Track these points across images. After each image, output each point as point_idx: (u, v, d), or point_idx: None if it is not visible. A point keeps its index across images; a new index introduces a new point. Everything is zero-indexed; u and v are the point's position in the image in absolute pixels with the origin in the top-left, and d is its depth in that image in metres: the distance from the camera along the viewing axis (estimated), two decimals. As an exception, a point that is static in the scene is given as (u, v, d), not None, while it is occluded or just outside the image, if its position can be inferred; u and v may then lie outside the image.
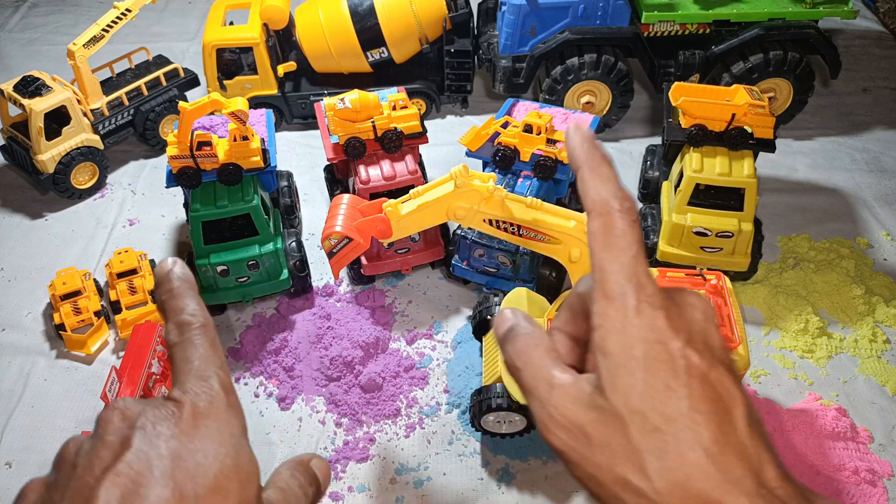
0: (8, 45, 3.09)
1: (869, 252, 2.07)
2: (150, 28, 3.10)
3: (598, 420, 0.56)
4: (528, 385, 0.62)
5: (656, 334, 0.56)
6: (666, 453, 0.53)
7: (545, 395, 0.60)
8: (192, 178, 1.80)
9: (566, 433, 0.58)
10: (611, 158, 0.62)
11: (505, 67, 2.40)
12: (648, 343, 0.55)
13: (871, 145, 2.47)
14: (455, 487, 1.58)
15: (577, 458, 0.58)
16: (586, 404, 0.58)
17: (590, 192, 0.61)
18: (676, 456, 0.53)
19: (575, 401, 0.58)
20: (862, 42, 2.96)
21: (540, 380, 0.61)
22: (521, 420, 1.58)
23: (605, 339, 0.57)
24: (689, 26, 2.34)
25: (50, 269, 2.04)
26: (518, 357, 0.64)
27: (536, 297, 1.70)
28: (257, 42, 2.35)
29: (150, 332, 1.67)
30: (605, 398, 0.56)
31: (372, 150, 1.92)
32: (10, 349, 1.88)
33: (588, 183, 0.62)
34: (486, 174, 1.40)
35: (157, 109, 2.40)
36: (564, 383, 0.60)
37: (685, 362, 0.55)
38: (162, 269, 0.69)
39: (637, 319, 0.56)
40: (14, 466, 1.63)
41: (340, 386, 1.74)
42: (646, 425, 0.54)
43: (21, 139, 2.21)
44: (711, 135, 1.83)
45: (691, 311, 0.59)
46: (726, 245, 1.83)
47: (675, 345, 0.55)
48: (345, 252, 1.47)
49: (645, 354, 0.55)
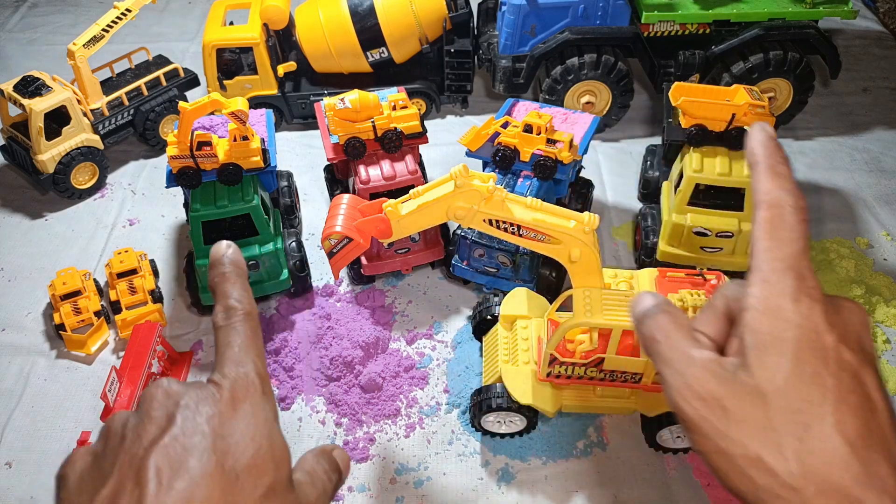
0: (8, 45, 3.09)
1: (869, 252, 2.07)
2: (150, 28, 3.10)
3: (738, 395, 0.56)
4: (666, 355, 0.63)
5: (812, 323, 0.56)
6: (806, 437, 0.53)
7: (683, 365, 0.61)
8: (192, 178, 1.80)
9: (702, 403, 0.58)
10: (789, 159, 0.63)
11: (505, 67, 2.40)
12: (803, 329, 0.56)
13: (871, 145, 2.47)
14: (455, 487, 1.58)
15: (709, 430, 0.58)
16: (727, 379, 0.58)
17: (763, 185, 0.62)
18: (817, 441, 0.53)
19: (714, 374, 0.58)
20: (862, 42, 2.96)
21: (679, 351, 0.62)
22: (521, 420, 1.58)
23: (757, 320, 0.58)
24: (689, 26, 2.34)
25: (50, 269, 2.04)
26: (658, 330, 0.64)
27: (536, 297, 1.71)
28: (257, 42, 2.35)
29: (150, 332, 1.67)
30: (749, 374, 0.56)
31: (372, 150, 1.92)
32: (10, 349, 1.88)
33: (762, 177, 0.62)
34: (486, 174, 1.39)
35: (157, 109, 2.40)
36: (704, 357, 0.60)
37: (837, 355, 0.55)
38: (217, 252, 0.74)
39: (794, 306, 0.56)
40: (14, 466, 1.63)
41: (340, 386, 1.74)
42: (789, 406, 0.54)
43: (21, 139, 2.21)
44: (711, 135, 1.83)
45: (849, 314, 0.59)
46: (726, 245, 1.83)
47: (829, 338, 0.56)
48: (345, 252, 1.47)
49: (797, 339, 0.55)
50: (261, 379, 0.66)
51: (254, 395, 0.64)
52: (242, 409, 0.62)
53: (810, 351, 0.55)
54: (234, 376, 0.64)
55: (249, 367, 0.66)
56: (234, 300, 0.70)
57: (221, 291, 0.72)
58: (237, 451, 0.59)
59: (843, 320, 0.58)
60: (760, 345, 0.57)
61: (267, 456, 0.61)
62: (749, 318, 0.58)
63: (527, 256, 1.78)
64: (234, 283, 0.72)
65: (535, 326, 1.62)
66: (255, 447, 0.60)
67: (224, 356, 0.67)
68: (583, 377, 1.51)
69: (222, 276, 0.72)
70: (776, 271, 0.58)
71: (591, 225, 1.35)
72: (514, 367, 1.57)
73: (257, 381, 0.65)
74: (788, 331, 0.56)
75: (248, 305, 0.71)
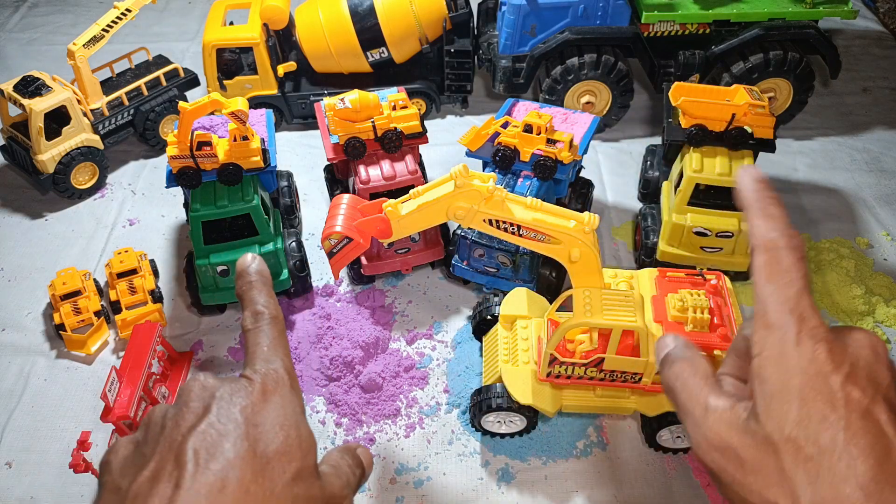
0: (8, 45, 3.09)
1: (869, 252, 2.07)
2: (150, 28, 3.10)
3: (752, 445, 0.58)
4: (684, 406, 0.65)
5: (816, 366, 0.56)
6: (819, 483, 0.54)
7: (700, 417, 0.62)
8: (192, 178, 1.80)
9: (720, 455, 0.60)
10: (780, 199, 0.64)
11: (505, 67, 2.40)
12: (807, 374, 0.56)
13: (871, 145, 2.47)
14: (455, 487, 1.58)
15: (728, 480, 0.60)
16: (741, 429, 0.59)
17: (757, 229, 0.64)
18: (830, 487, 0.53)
19: (730, 425, 0.60)
20: (862, 42, 2.96)
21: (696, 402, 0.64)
22: (521, 420, 1.58)
23: (762, 367, 0.59)
24: (689, 26, 2.34)
25: (50, 269, 2.04)
26: (676, 379, 0.67)
27: (536, 297, 1.71)
28: (257, 42, 2.35)
29: (150, 332, 1.66)
30: (759, 424, 0.58)
31: (372, 150, 1.92)
32: (10, 349, 1.88)
33: (756, 221, 0.64)
34: (486, 174, 1.39)
35: (157, 109, 2.40)
36: (720, 407, 0.62)
37: (844, 396, 0.55)
38: (243, 263, 0.80)
39: (797, 350, 0.57)
40: (14, 466, 1.63)
41: (340, 386, 1.74)
42: (799, 454, 0.55)
43: (21, 139, 2.21)
44: (711, 135, 1.83)
45: (857, 348, 0.59)
46: (726, 245, 1.83)
47: (835, 378, 0.56)
48: (345, 252, 1.47)
49: (802, 385, 0.56)
50: (289, 375, 0.71)
51: (283, 388, 0.69)
52: (272, 401, 0.67)
53: (816, 395, 0.55)
54: (264, 371, 0.70)
55: (278, 364, 0.71)
56: (261, 306, 0.76)
57: (249, 298, 0.77)
58: (268, 438, 0.64)
59: (852, 355, 0.58)
60: (767, 393, 0.58)
61: (295, 444, 0.65)
62: (755, 366, 0.59)
63: (527, 256, 1.78)
64: (261, 290, 0.77)
65: (535, 326, 1.62)
66: (284, 435, 0.65)
67: (254, 355, 0.72)
68: (583, 377, 1.51)
69: (249, 284, 0.78)
70: (777, 315, 0.59)
71: (591, 225, 1.35)
72: (514, 367, 1.57)
73: (286, 377, 0.70)
74: (793, 377, 0.56)
75: (275, 310, 0.77)
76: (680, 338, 0.70)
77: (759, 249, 0.62)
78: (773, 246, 0.61)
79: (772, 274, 0.60)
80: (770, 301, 0.59)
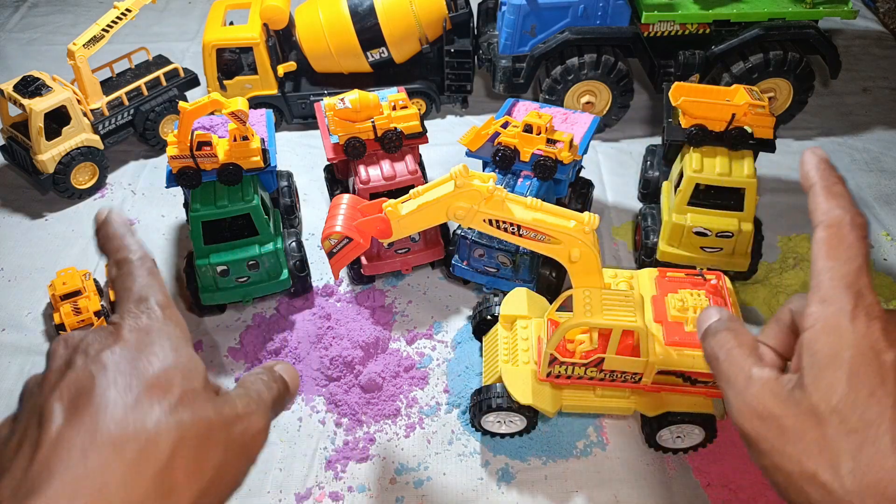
0: (8, 45, 3.09)
1: (869, 252, 2.07)
2: (150, 28, 3.10)
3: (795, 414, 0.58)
4: (727, 374, 0.65)
5: (869, 342, 0.56)
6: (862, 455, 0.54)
7: (743, 384, 0.63)
8: (192, 178, 1.80)
9: (760, 422, 0.60)
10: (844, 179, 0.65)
11: (505, 67, 2.40)
12: (859, 349, 0.56)
13: (871, 145, 2.47)
14: (455, 487, 1.58)
15: (767, 448, 0.60)
16: (784, 398, 0.59)
17: (822, 205, 0.64)
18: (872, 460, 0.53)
19: (774, 394, 0.60)
20: (862, 42, 2.96)
21: (739, 371, 0.64)
22: (521, 420, 1.58)
23: (814, 339, 0.59)
24: (689, 26, 2.34)
25: (50, 269, 2.04)
26: (721, 348, 0.67)
27: (536, 297, 1.71)
28: (257, 42, 2.35)
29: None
30: (804, 394, 0.58)
31: (372, 150, 1.92)
32: (10, 349, 1.88)
33: (820, 197, 0.64)
34: (486, 174, 1.39)
35: (157, 109, 2.40)
36: (764, 376, 0.62)
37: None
38: (99, 216, 0.76)
39: (851, 325, 0.57)
40: (14, 466, 1.63)
41: (340, 386, 1.74)
42: (844, 426, 0.55)
43: (21, 139, 2.21)
44: (711, 135, 1.83)
45: None
46: (726, 245, 1.83)
47: (889, 355, 0.56)
48: (345, 252, 1.47)
49: (853, 358, 0.56)
50: (162, 307, 0.68)
51: (156, 322, 0.67)
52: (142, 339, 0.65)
53: (867, 370, 0.56)
54: (135, 311, 0.67)
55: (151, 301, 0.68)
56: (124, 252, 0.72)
57: (110, 249, 0.73)
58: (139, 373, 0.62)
59: None
60: (817, 364, 0.58)
61: (172, 371, 0.63)
62: (807, 338, 0.59)
63: (527, 256, 1.78)
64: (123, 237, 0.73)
65: (535, 326, 1.62)
66: (158, 366, 0.63)
67: (122, 298, 0.69)
68: (583, 377, 1.51)
69: (106, 236, 0.74)
70: (834, 290, 0.59)
71: (591, 225, 1.35)
72: (514, 367, 1.57)
73: (158, 310, 0.68)
74: (845, 350, 0.57)
75: (140, 251, 0.73)
76: (724, 310, 0.71)
77: (822, 226, 0.62)
78: (837, 223, 0.62)
79: (832, 249, 0.61)
80: (828, 276, 0.60)
